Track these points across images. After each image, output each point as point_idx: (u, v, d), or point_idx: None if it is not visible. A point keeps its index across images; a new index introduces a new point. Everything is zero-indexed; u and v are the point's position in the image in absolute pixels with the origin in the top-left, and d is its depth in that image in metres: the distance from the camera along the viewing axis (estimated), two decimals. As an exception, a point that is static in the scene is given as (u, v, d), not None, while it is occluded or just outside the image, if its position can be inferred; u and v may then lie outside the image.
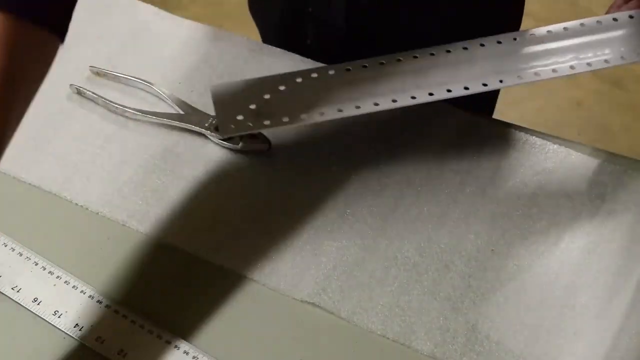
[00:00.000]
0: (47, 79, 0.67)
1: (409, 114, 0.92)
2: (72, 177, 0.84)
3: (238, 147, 0.85)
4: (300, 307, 0.75)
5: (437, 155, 0.88)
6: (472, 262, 0.79)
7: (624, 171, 0.86)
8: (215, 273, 0.77)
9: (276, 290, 0.76)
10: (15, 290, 0.75)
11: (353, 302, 0.76)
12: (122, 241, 0.79)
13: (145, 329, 0.72)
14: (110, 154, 0.87)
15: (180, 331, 0.72)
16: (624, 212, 0.83)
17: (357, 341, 0.73)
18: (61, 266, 0.76)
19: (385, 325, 0.74)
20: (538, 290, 0.77)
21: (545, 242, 0.81)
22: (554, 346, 0.73)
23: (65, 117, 0.90)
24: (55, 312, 0.73)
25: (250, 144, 0.85)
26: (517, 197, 0.84)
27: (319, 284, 0.77)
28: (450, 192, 0.85)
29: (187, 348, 0.71)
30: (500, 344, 0.73)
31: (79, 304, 0.74)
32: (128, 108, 0.88)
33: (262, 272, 0.77)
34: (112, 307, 0.73)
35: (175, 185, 0.84)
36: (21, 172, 0.85)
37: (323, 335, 0.73)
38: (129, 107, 0.88)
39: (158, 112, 0.88)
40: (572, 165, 0.87)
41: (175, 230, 0.80)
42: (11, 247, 0.77)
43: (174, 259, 0.78)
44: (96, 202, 0.82)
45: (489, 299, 0.76)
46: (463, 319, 0.75)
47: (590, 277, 0.78)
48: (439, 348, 0.73)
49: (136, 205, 0.82)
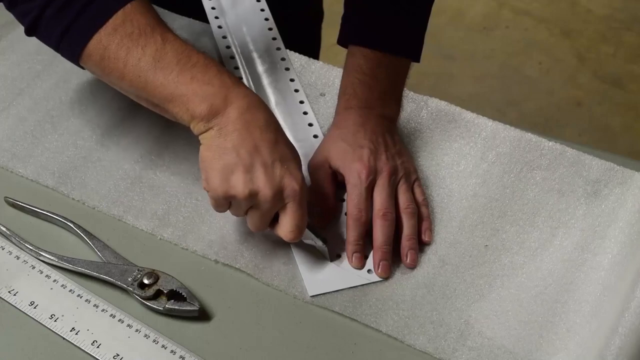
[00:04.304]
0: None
1: (412, 117, 0.92)
2: (68, 172, 0.85)
3: (161, 309, 0.74)
4: (300, 305, 0.76)
5: (431, 152, 0.89)
6: (466, 257, 0.79)
7: (619, 169, 0.86)
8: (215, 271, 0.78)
9: (270, 286, 0.77)
10: (12, 293, 0.75)
11: (347, 296, 0.76)
12: (122, 241, 0.79)
13: (141, 333, 0.72)
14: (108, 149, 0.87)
15: (177, 336, 0.72)
16: (619, 209, 0.83)
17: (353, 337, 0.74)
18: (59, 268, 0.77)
19: (379, 319, 0.74)
20: (531, 286, 0.77)
21: (539, 239, 0.81)
22: (547, 342, 0.73)
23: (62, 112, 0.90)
24: (51, 316, 0.73)
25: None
26: (511, 193, 0.85)
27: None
28: (445, 188, 0.85)
29: (183, 353, 0.71)
30: (493, 340, 0.73)
31: (75, 307, 0.74)
32: (43, 252, 0.77)
33: (257, 266, 0.78)
34: (108, 312, 0.73)
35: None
36: (18, 166, 0.85)
37: (319, 332, 0.74)
38: (44, 251, 0.77)
39: (77, 260, 0.77)
40: (567, 162, 0.87)
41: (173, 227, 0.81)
42: (8, 250, 0.78)
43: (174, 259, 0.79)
44: (94, 197, 0.83)
45: (482, 294, 0.77)
46: (456, 314, 0.75)
47: (584, 274, 0.78)
48: (432, 342, 0.73)
49: (132, 200, 0.82)
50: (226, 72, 0.75)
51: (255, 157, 0.71)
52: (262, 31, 1.00)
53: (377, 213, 0.79)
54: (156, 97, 0.74)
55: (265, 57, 0.97)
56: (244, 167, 0.71)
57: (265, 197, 0.71)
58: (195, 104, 0.72)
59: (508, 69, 2.24)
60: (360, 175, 0.80)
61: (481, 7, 2.40)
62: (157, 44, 0.73)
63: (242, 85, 0.75)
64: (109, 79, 0.77)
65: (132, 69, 0.73)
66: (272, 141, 0.72)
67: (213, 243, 0.79)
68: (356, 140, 0.82)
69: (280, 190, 0.72)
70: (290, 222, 0.73)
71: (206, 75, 0.73)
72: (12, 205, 0.82)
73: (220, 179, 0.71)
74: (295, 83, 0.94)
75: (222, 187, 0.72)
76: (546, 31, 2.34)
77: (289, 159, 0.73)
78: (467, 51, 2.27)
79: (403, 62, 0.88)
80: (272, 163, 0.72)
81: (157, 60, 0.73)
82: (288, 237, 0.74)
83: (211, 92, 0.72)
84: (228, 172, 0.71)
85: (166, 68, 0.73)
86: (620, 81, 2.21)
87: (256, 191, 0.71)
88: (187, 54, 0.74)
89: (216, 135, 0.72)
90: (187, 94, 0.72)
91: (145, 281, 0.74)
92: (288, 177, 0.72)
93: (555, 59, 2.27)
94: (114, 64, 0.74)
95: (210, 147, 0.72)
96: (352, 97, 0.86)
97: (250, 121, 0.72)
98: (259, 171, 0.71)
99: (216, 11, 1.01)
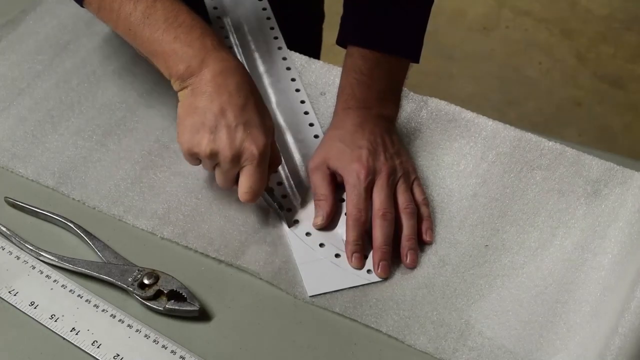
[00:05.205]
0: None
1: (410, 117, 0.92)
2: (68, 172, 0.85)
3: (162, 310, 0.74)
4: (300, 305, 0.76)
5: (431, 151, 0.89)
6: (466, 257, 0.79)
7: (619, 169, 0.86)
8: (214, 270, 0.78)
9: (270, 284, 0.77)
10: (12, 293, 0.75)
11: (347, 297, 0.76)
12: (122, 241, 0.79)
13: (141, 333, 0.72)
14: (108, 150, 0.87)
15: (177, 337, 0.72)
16: (619, 209, 0.83)
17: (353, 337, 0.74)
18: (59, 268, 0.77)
19: (379, 319, 0.74)
20: (532, 286, 0.77)
21: (540, 239, 0.81)
22: (547, 342, 0.73)
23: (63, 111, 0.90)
24: (52, 316, 0.73)
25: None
26: (511, 193, 0.85)
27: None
28: (445, 188, 0.85)
29: (183, 353, 0.71)
30: (493, 340, 0.73)
31: (76, 308, 0.74)
32: (43, 252, 0.77)
33: (258, 265, 0.78)
34: (108, 312, 0.73)
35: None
36: (18, 166, 0.85)
37: (319, 332, 0.74)
38: (44, 251, 0.77)
39: (77, 260, 0.77)
40: (568, 162, 0.87)
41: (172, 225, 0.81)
42: (8, 250, 0.78)
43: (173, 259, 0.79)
44: (94, 197, 0.83)
45: (482, 294, 0.77)
46: (457, 314, 0.75)
47: (584, 274, 0.78)
48: (432, 343, 0.73)
49: (133, 200, 0.82)
50: (210, 34, 0.78)
51: (220, 119, 0.75)
52: (263, 31, 1.00)
53: (376, 213, 0.79)
54: (143, 50, 0.79)
55: (266, 57, 0.97)
56: (209, 128, 0.75)
57: (225, 158, 0.75)
58: (175, 63, 0.76)
59: (508, 69, 2.23)
60: (359, 175, 0.80)
61: (481, 7, 2.40)
62: (148, 1, 0.77)
63: (223, 49, 0.78)
64: (108, 25, 0.83)
65: (124, 22, 0.78)
66: (239, 106, 0.76)
67: (213, 241, 0.79)
68: (354, 141, 0.82)
69: (239, 153, 0.75)
70: (245, 183, 0.77)
71: (189, 36, 0.77)
72: (13, 205, 0.82)
73: (188, 135, 0.76)
74: (296, 83, 0.94)
75: (188, 143, 0.76)
76: (546, 31, 2.34)
77: (254, 124, 0.76)
78: (467, 51, 2.27)
79: (402, 62, 0.88)
80: (235, 126, 0.75)
81: (146, 16, 0.77)
82: (242, 197, 0.77)
83: (190, 54, 0.76)
84: (194, 130, 0.75)
85: (154, 25, 0.77)
86: (620, 81, 2.21)
87: (217, 151, 0.75)
88: (175, 13, 0.77)
89: (189, 94, 0.77)
90: (169, 52, 0.77)
91: (146, 281, 0.74)
92: (249, 141, 0.75)
93: (555, 59, 2.26)
94: (109, 15, 0.80)
95: (183, 105, 0.77)
96: (350, 98, 0.86)
97: (222, 84, 0.76)
98: (222, 132, 0.75)
99: (218, 11, 1.01)
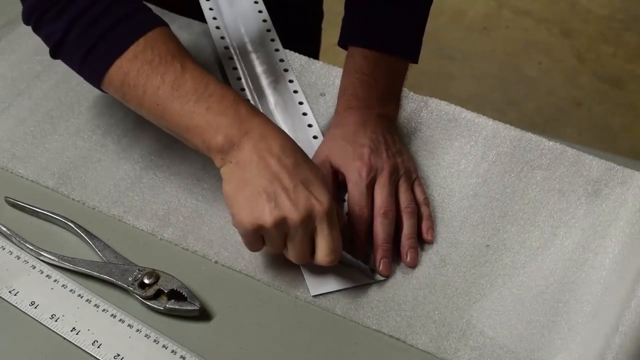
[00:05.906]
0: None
1: (410, 117, 0.92)
2: (68, 172, 0.85)
3: (162, 309, 0.74)
4: (301, 305, 0.76)
5: (431, 151, 0.89)
6: (467, 257, 0.79)
7: (619, 169, 0.86)
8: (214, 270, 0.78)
9: (272, 286, 0.77)
10: (13, 293, 0.74)
11: (349, 298, 0.76)
12: (122, 241, 0.79)
13: (142, 333, 0.72)
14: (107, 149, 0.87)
15: (178, 336, 0.72)
16: (619, 209, 0.83)
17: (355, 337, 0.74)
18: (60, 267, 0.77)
19: (381, 321, 0.74)
20: (533, 286, 0.77)
21: (540, 238, 0.81)
22: (549, 342, 0.73)
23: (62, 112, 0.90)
24: (52, 316, 0.73)
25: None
26: (512, 192, 0.85)
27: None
28: (446, 188, 0.85)
29: (183, 353, 0.71)
30: (495, 339, 0.73)
31: (76, 307, 0.74)
32: (43, 252, 0.77)
33: (258, 267, 0.78)
34: (109, 312, 0.73)
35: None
36: (18, 167, 0.85)
37: (320, 332, 0.74)
38: (44, 251, 0.77)
39: (77, 260, 0.77)
40: (568, 162, 0.87)
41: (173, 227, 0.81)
42: (9, 250, 0.77)
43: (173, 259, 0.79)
44: (94, 197, 0.83)
45: (484, 294, 0.76)
46: (458, 314, 0.75)
47: (585, 274, 0.78)
48: (434, 342, 0.73)
49: (133, 200, 0.82)
50: (242, 101, 0.74)
51: (276, 185, 0.70)
52: (260, 32, 1.00)
53: (377, 211, 0.79)
54: (174, 126, 0.74)
55: (263, 58, 0.97)
56: (267, 196, 0.70)
57: (294, 222, 0.70)
58: (211, 136, 0.72)
59: (508, 69, 2.24)
60: (361, 173, 0.80)
61: (481, 7, 2.40)
62: (176, 73, 0.73)
63: (257, 114, 0.74)
64: (130, 105, 0.77)
65: (151, 97, 0.74)
66: (290, 166, 0.71)
67: (213, 243, 0.79)
68: (356, 139, 0.82)
69: (307, 213, 0.70)
70: (325, 245, 0.72)
71: (222, 105, 0.73)
72: (13, 205, 0.81)
73: (247, 211, 0.70)
74: (294, 84, 0.94)
75: (248, 219, 0.70)
76: (546, 31, 2.34)
77: (312, 180, 0.72)
78: (467, 51, 2.27)
79: (402, 62, 0.88)
80: (294, 187, 0.70)
81: (175, 89, 0.73)
82: (325, 261, 0.72)
83: (225, 122, 0.72)
84: (252, 203, 0.70)
85: (183, 97, 0.73)
86: (620, 81, 2.21)
87: (284, 217, 0.70)
88: (205, 83, 0.73)
89: (234, 168, 0.72)
90: (203, 125, 0.72)
91: (146, 281, 0.74)
92: (313, 199, 0.70)
93: (555, 59, 2.27)
94: (134, 91, 0.74)
95: (230, 181, 0.72)
96: (352, 97, 0.86)
97: (266, 149, 0.71)
98: (282, 196, 0.70)
99: (214, 12, 1.01)
